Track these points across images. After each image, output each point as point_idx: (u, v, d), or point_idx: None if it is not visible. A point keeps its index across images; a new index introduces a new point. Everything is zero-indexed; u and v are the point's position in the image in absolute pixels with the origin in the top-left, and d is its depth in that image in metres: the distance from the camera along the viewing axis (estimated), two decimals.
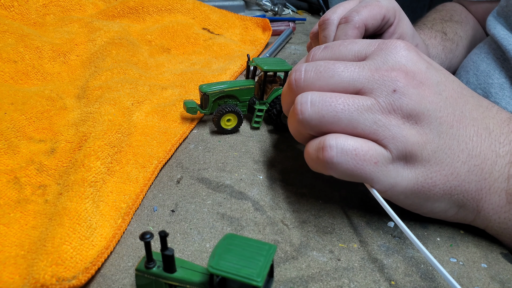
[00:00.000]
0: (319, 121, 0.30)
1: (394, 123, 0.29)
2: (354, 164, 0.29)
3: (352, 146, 0.29)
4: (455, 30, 0.67)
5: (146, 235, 0.23)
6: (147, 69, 0.58)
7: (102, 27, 0.62)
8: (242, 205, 0.36)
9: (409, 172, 0.30)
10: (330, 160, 0.29)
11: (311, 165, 0.32)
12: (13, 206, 0.33)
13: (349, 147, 0.29)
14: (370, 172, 0.29)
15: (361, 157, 0.29)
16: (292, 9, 0.94)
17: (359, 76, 0.30)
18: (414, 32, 0.49)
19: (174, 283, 0.25)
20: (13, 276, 0.27)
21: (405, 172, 0.30)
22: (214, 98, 0.45)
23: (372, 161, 0.29)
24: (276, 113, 0.45)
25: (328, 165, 0.29)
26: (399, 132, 0.29)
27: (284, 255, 0.31)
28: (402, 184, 0.30)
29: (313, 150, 0.30)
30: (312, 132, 0.31)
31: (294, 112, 0.31)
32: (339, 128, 0.30)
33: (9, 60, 0.50)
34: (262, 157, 0.43)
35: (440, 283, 0.29)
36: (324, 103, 0.29)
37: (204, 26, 0.73)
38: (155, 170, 0.39)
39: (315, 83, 0.31)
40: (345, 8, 0.46)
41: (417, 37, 0.50)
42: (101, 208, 0.33)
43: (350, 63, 0.31)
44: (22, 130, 0.40)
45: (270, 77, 0.48)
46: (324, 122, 0.30)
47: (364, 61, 0.31)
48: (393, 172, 0.30)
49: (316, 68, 0.31)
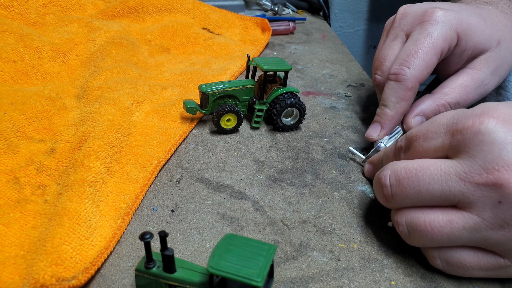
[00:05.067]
0: (423, 244, 0.28)
1: (510, 236, 0.25)
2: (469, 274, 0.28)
3: (469, 264, 0.27)
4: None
5: (145, 235, 0.23)
6: (147, 69, 0.58)
7: (102, 27, 0.61)
8: (242, 205, 0.36)
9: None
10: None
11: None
12: (13, 206, 0.33)
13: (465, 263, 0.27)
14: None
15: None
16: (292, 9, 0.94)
17: (449, 187, 0.26)
18: (492, 30, 0.41)
19: (174, 283, 0.25)
20: (13, 276, 0.27)
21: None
22: (214, 98, 0.45)
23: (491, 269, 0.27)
24: (276, 113, 0.45)
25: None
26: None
27: (284, 255, 0.31)
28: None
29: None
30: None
31: (397, 229, 0.30)
32: (444, 244, 0.28)
33: (9, 60, 0.50)
34: (262, 157, 0.42)
35: (440, 283, 0.29)
36: (423, 232, 0.27)
37: (204, 26, 0.73)
38: (155, 170, 0.39)
39: (405, 201, 0.28)
40: (392, 49, 0.42)
41: (497, 31, 0.42)
42: (100, 208, 0.33)
43: (435, 168, 0.27)
44: (22, 130, 0.40)
45: (270, 77, 0.48)
46: (429, 244, 0.28)
47: (450, 161, 0.27)
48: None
49: (399, 182, 0.28)
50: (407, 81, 0.39)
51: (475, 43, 0.41)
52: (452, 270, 0.28)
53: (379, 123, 0.42)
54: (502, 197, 0.24)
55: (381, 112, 0.42)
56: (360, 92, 0.58)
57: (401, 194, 0.28)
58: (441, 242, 0.27)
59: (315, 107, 0.53)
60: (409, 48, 0.39)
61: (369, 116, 0.51)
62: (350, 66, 0.67)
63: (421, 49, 0.38)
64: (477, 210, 0.25)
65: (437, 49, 0.39)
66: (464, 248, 0.27)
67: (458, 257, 0.27)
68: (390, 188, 0.29)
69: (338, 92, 0.57)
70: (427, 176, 0.27)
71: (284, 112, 0.46)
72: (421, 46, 0.39)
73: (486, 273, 0.28)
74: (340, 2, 1.21)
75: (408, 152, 0.31)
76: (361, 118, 0.51)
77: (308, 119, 0.50)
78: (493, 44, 0.41)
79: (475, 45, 0.41)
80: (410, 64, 0.39)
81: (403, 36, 0.43)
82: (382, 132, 0.42)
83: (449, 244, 0.27)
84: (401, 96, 0.40)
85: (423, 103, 0.42)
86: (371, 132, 0.42)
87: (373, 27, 1.27)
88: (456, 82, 0.42)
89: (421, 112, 0.42)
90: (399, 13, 0.44)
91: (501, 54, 0.42)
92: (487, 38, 0.41)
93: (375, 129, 0.42)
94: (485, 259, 0.27)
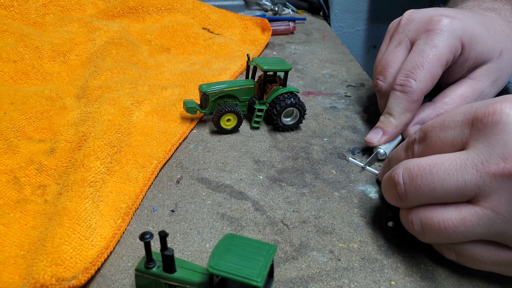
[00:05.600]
0: (438, 241, 0.28)
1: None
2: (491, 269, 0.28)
3: (481, 257, 0.27)
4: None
5: (145, 235, 0.23)
6: (147, 68, 0.58)
7: (102, 26, 0.61)
8: (242, 205, 0.36)
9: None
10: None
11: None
12: (13, 206, 0.33)
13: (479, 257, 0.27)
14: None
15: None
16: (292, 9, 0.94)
17: (465, 181, 0.25)
18: (494, 41, 0.41)
19: (174, 283, 0.25)
20: (13, 276, 0.27)
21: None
22: (214, 98, 0.45)
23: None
24: (276, 113, 0.45)
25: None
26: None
27: (284, 255, 0.31)
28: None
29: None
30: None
31: (409, 228, 0.30)
32: (459, 241, 0.27)
33: (9, 60, 0.50)
34: (262, 157, 0.42)
35: (440, 283, 0.29)
36: (438, 232, 0.27)
37: (204, 26, 0.73)
38: (155, 170, 0.39)
39: (419, 199, 0.28)
40: (396, 56, 0.42)
41: (499, 42, 0.42)
42: (100, 208, 0.33)
43: (450, 163, 0.26)
44: (22, 130, 0.40)
45: (270, 77, 0.48)
46: (444, 241, 0.28)
47: (467, 152, 0.26)
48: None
49: (412, 180, 0.28)
50: (413, 94, 0.39)
51: (477, 53, 0.41)
52: (466, 263, 0.28)
53: (381, 129, 0.42)
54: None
55: (385, 120, 0.42)
56: (360, 92, 0.58)
57: (415, 192, 0.28)
58: (456, 239, 0.27)
59: (315, 107, 0.53)
60: (415, 59, 0.39)
61: (369, 116, 0.51)
62: (350, 66, 0.67)
63: (427, 61, 0.39)
64: (492, 203, 0.25)
65: (442, 61, 0.39)
66: (477, 242, 0.27)
67: (471, 250, 0.27)
68: (404, 187, 0.28)
69: (338, 92, 0.57)
70: (442, 171, 0.26)
71: (284, 112, 0.46)
72: (427, 58, 0.39)
73: (499, 269, 0.27)
74: (340, 2, 1.21)
75: (423, 144, 0.30)
76: (361, 118, 0.51)
77: (308, 119, 0.50)
78: (495, 55, 0.42)
79: (477, 55, 0.41)
80: (416, 76, 0.39)
81: (408, 42, 0.42)
82: (383, 139, 0.42)
83: (464, 240, 0.27)
84: (407, 107, 0.40)
85: (423, 112, 0.42)
86: (372, 136, 0.42)
87: (373, 27, 1.27)
88: (456, 92, 0.42)
89: (421, 121, 0.42)
90: (404, 18, 0.44)
91: (501, 65, 0.42)
92: (489, 49, 0.41)
93: (376, 134, 0.42)
94: (498, 254, 0.27)
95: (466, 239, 0.27)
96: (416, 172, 0.28)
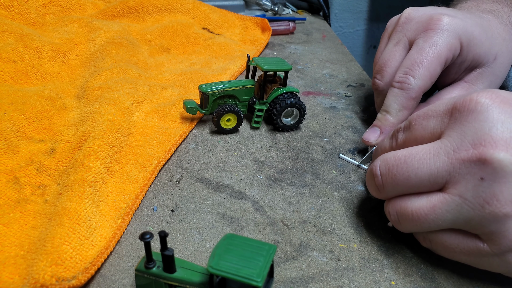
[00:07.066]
0: (414, 230, 0.29)
1: (491, 218, 0.24)
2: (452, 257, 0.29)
3: (450, 245, 0.27)
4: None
5: (145, 235, 0.23)
6: (147, 69, 0.58)
7: (102, 26, 0.61)
8: (242, 205, 0.36)
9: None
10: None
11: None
12: (13, 206, 0.33)
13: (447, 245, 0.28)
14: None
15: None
16: (292, 9, 0.94)
17: (437, 168, 0.26)
18: (491, 44, 0.41)
19: (174, 283, 0.25)
20: (13, 276, 0.27)
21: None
22: (214, 98, 0.45)
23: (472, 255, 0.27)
24: (276, 113, 0.45)
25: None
26: (500, 228, 0.24)
27: (284, 255, 0.31)
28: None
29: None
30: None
31: (389, 219, 0.30)
32: (432, 229, 0.28)
33: (9, 60, 0.50)
34: (262, 157, 0.42)
35: (440, 283, 0.29)
36: (411, 221, 0.28)
37: (204, 26, 0.73)
38: (155, 170, 0.39)
39: (395, 189, 0.29)
40: (394, 55, 0.42)
41: (495, 45, 0.42)
42: (100, 208, 0.33)
43: (425, 152, 0.27)
44: (22, 130, 0.40)
45: (270, 77, 0.48)
46: (419, 230, 0.29)
47: (440, 141, 0.27)
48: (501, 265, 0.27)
49: (388, 171, 0.28)
50: (412, 91, 0.39)
51: (474, 55, 0.41)
52: (440, 251, 0.29)
53: (379, 128, 0.42)
54: (484, 173, 0.24)
55: (382, 117, 0.42)
56: (360, 92, 0.58)
57: (391, 182, 0.28)
58: (429, 228, 0.27)
59: (315, 107, 0.53)
60: (414, 57, 0.39)
61: (369, 116, 0.51)
62: (350, 66, 0.67)
63: (426, 59, 0.38)
64: (460, 189, 0.25)
65: (441, 59, 0.39)
66: (448, 231, 0.28)
67: (442, 239, 0.28)
68: (381, 178, 0.29)
69: (338, 92, 0.57)
70: (416, 161, 0.27)
71: (284, 112, 0.46)
72: (426, 56, 0.39)
73: (468, 259, 0.28)
74: (340, 2, 1.21)
75: (407, 132, 0.31)
76: (361, 118, 0.51)
77: (308, 119, 0.50)
78: (490, 59, 0.42)
79: (474, 57, 0.41)
80: (415, 74, 0.39)
81: (406, 42, 0.42)
82: (381, 137, 0.42)
83: (437, 228, 0.27)
84: (404, 104, 0.40)
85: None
86: (370, 135, 0.42)
87: (373, 27, 1.27)
88: (451, 94, 0.43)
89: None
90: (403, 17, 0.44)
91: (495, 70, 0.43)
92: (486, 52, 0.41)
93: (374, 133, 0.42)
94: (465, 242, 0.27)
95: (438, 227, 0.27)
96: (392, 163, 0.28)
